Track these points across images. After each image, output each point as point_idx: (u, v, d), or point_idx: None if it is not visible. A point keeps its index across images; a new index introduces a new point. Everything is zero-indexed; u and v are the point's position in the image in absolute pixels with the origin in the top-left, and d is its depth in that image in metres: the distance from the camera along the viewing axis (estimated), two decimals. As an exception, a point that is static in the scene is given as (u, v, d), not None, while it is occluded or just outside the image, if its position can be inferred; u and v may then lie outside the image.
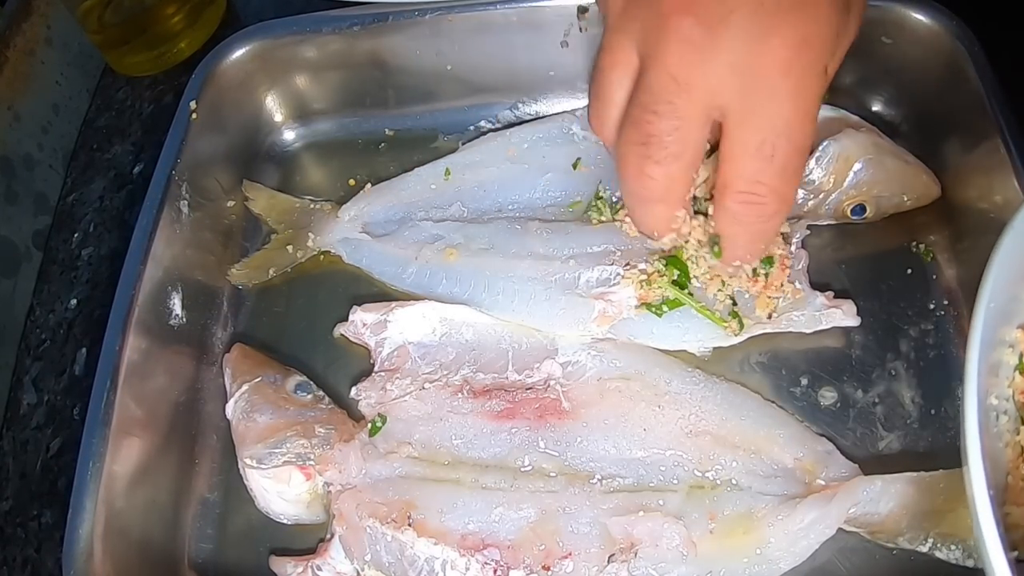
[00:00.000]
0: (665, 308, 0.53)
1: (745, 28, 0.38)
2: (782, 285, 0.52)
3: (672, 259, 0.53)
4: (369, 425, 0.53)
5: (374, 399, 0.54)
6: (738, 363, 0.54)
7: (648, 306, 0.53)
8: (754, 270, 0.52)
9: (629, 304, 0.54)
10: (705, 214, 0.48)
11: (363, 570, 0.49)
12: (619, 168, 0.44)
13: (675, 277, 0.53)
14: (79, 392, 0.61)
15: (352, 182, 0.65)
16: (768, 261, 0.52)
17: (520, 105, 0.66)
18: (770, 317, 0.53)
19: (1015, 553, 0.37)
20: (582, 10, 0.60)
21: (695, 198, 0.47)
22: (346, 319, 0.57)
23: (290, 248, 0.62)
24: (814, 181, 0.56)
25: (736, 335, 0.53)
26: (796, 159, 0.41)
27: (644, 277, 0.53)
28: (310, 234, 0.62)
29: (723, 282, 0.53)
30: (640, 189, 0.43)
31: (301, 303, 0.61)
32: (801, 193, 0.56)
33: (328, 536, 0.51)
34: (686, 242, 0.49)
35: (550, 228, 0.58)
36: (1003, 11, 0.58)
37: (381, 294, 0.60)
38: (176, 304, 0.57)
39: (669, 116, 0.40)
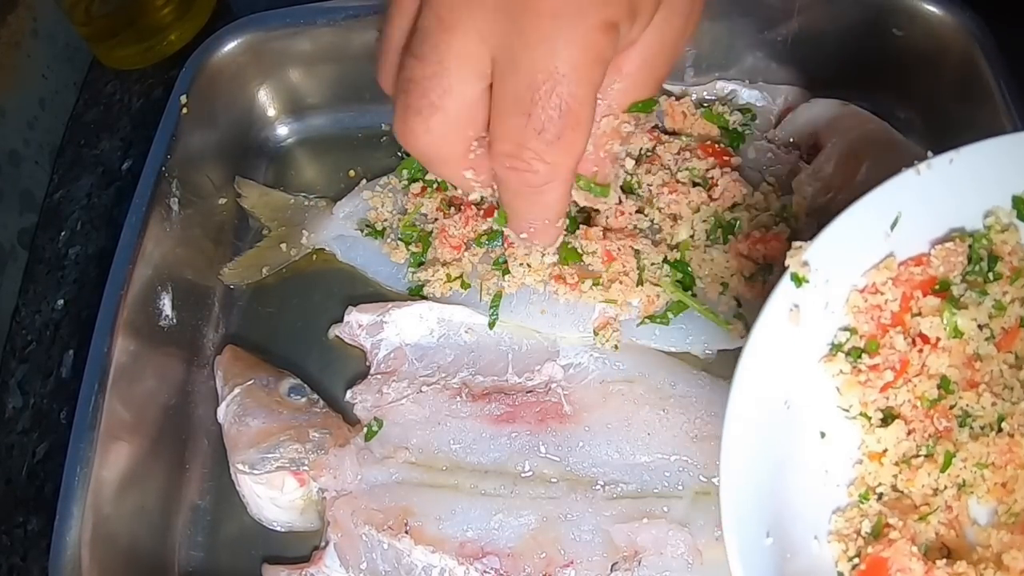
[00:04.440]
0: (670, 314, 0.53)
1: None
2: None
3: (676, 263, 0.53)
4: (365, 429, 0.52)
5: (370, 402, 0.53)
6: (744, 365, 0.54)
7: (652, 318, 0.53)
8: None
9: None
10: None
11: (359, 579, 0.48)
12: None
13: (679, 278, 0.53)
14: (66, 395, 0.60)
15: (352, 173, 0.64)
16: None
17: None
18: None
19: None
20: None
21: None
22: (341, 320, 0.57)
23: (283, 246, 0.61)
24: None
25: (741, 337, 0.52)
26: (561, 121, 0.36)
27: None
28: (304, 231, 0.61)
29: (726, 284, 0.52)
30: (406, 142, 0.40)
31: (295, 303, 0.60)
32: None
33: (323, 544, 0.50)
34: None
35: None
36: (1016, 4, 0.57)
37: (377, 294, 0.59)
38: (166, 304, 0.56)
39: (429, 60, 0.36)
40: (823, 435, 0.41)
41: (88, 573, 0.46)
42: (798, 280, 0.38)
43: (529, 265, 0.53)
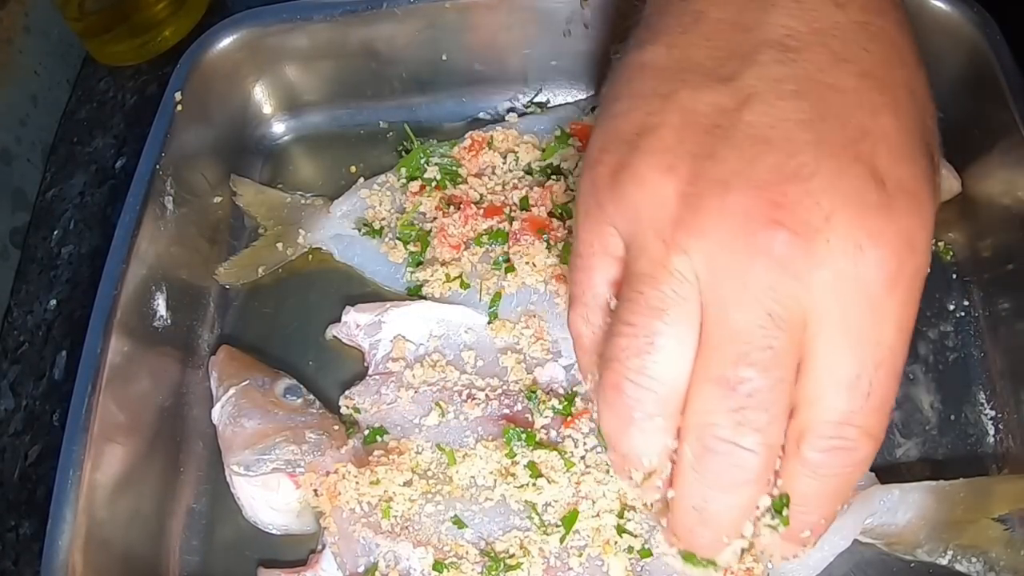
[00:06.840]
0: None
1: (848, 233, 0.30)
2: None
3: None
4: (365, 433, 0.51)
5: (368, 403, 0.52)
6: (748, 366, 0.53)
7: None
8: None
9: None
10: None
11: (356, 583, 0.48)
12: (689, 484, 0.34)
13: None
14: (59, 397, 0.60)
15: (353, 169, 0.64)
16: None
17: (520, 96, 0.65)
18: None
19: None
20: (585, -3, 0.58)
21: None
22: (338, 320, 0.56)
23: (280, 245, 0.61)
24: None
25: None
26: (893, 391, 0.33)
27: None
28: (300, 230, 0.61)
29: None
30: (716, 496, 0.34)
31: (291, 303, 0.60)
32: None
33: (319, 547, 0.50)
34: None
35: (551, 225, 0.56)
36: (1024, -1, 0.57)
37: (374, 294, 0.58)
38: (160, 304, 0.55)
39: (770, 367, 0.31)
40: None
41: (81, 578, 0.46)
42: None
43: (534, 264, 0.52)
